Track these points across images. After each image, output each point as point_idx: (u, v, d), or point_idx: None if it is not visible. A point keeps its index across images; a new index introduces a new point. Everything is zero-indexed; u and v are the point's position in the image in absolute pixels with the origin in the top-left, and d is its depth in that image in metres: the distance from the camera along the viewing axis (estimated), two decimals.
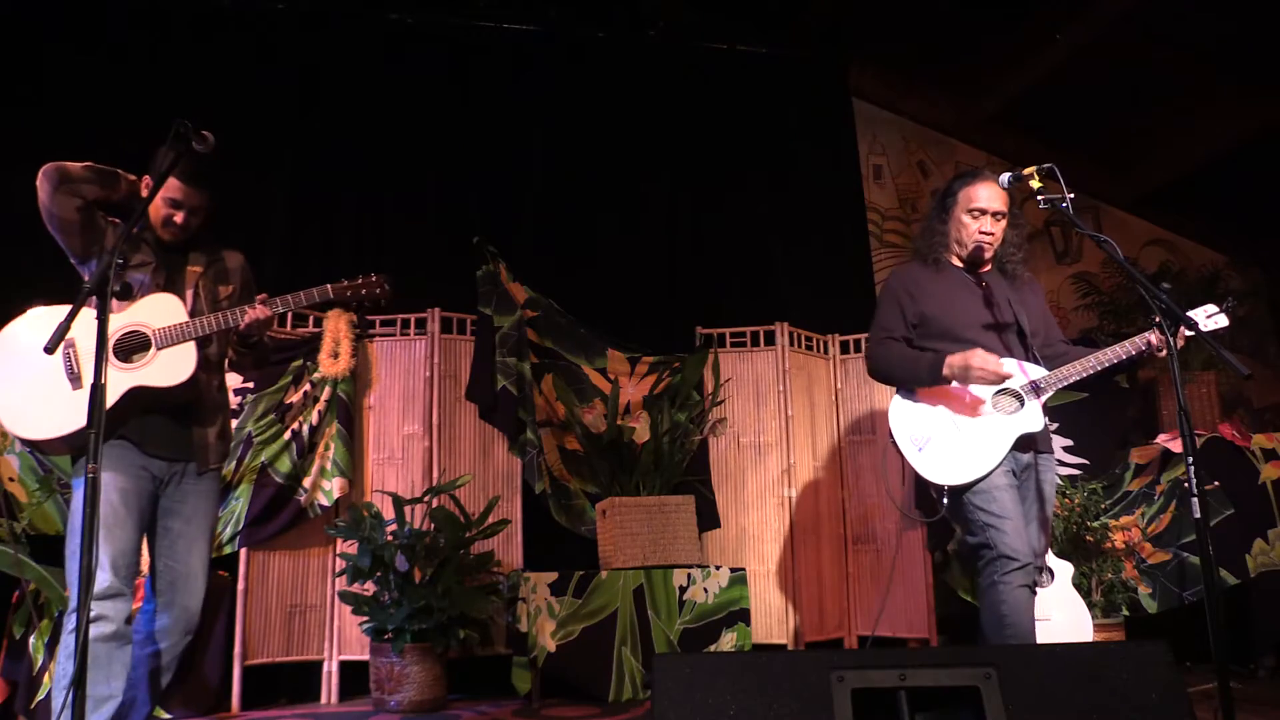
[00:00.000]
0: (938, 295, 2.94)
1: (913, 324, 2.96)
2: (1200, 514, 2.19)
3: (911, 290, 2.97)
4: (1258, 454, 4.52)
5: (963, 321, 2.89)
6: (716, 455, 4.88)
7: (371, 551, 3.91)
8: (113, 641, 2.46)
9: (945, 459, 2.80)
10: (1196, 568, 4.26)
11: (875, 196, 6.33)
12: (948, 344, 2.86)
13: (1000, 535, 2.72)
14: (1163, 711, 1.73)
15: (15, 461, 4.05)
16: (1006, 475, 2.79)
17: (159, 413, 2.61)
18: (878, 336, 2.98)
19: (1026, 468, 2.87)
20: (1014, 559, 2.69)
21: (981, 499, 2.76)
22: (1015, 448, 2.80)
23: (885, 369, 2.97)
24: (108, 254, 2.12)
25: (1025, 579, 2.70)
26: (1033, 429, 2.80)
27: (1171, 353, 2.37)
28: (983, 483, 2.77)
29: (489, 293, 4.71)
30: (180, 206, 2.68)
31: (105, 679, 2.44)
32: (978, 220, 2.93)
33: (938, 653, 2.91)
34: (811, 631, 4.76)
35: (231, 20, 5.08)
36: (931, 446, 2.82)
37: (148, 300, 2.63)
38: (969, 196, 2.95)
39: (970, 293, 2.95)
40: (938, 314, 2.92)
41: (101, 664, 2.43)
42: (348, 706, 4.11)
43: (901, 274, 3.06)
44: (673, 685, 1.74)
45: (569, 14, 5.53)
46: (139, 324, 2.59)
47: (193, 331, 2.59)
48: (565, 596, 4.06)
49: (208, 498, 2.72)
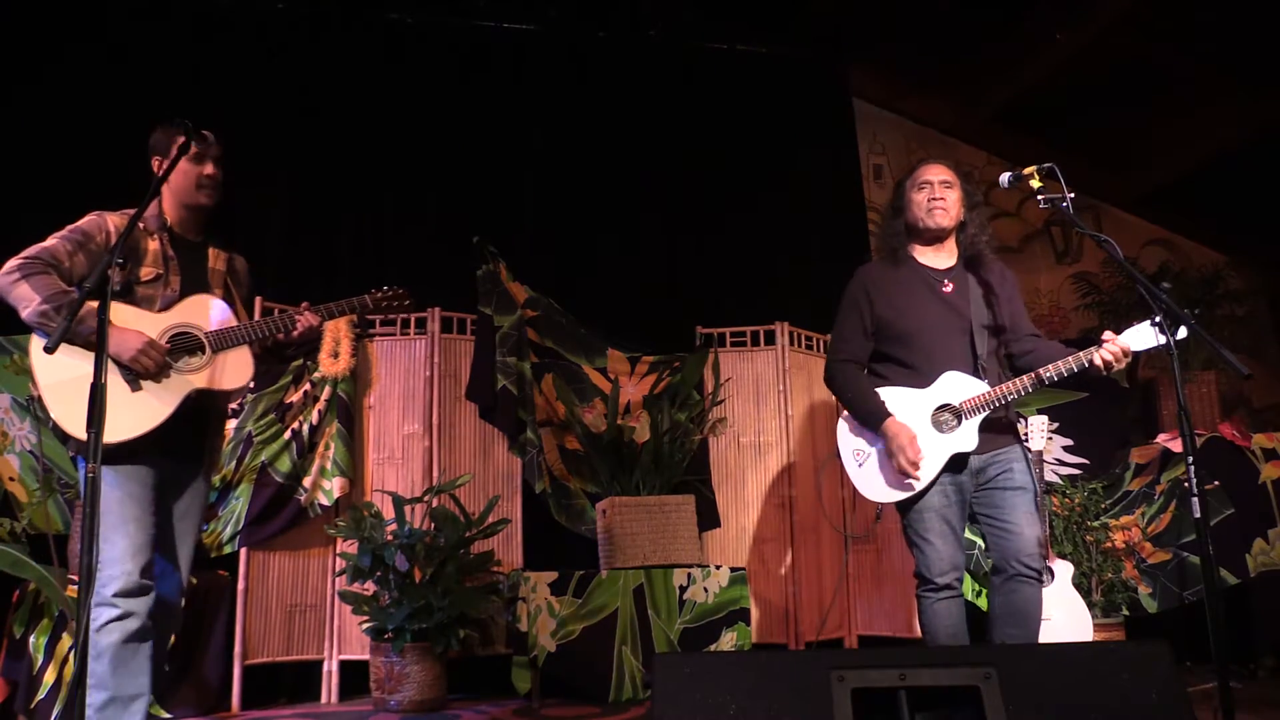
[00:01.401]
0: (894, 297, 2.93)
1: (870, 331, 2.97)
2: (1200, 514, 2.19)
3: (871, 293, 2.97)
4: (1258, 454, 4.53)
5: (916, 328, 2.89)
6: (717, 455, 4.88)
7: (372, 551, 3.91)
8: (139, 639, 2.41)
9: (879, 478, 2.87)
10: (1197, 567, 4.26)
11: (875, 196, 6.33)
12: (901, 349, 2.90)
13: (922, 556, 2.83)
14: (1162, 711, 1.73)
15: (15, 461, 4.06)
16: (941, 494, 2.82)
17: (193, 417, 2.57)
18: (837, 354, 3.01)
19: (979, 470, 2.85)
20: (930, 580, 2.81)
21: (912, 518, 2.86)
22: (949, 469, 2.81)
23: (839, 393, 3.06)
24: (106, 254, 2.11)
25: (946, 594, 2.80)
26: (965, 449, 2.80)
27: (1172, 352, 2.37)
28: (917, 504, 2.83)
29: (489, 292, 4.71)
30: (205, 156, 2.62)
31: (134, 677, 2.39)
32: (924, 190, 2.93)
33: (938, 652, 2.90)
34: (811, 631, 4.76)
35: (231, 19, 5.08)
36: (869, 464, 2.90)
37: (190, 301, 2.59)
38: (913, 178, 2.98)
39: (928, 292, 2.92)
40: (893, 318, 2.91)
41: (130, 662, 2.38)
42: (348, 706, 4.11)
43: (862, 274, 3.05)
44: (673, 685, 1.74)
45: (569, 13, 5.53)
46: (188, 325, 2.55)
47: (247, 335, 2.57)
48: (565, 596, 4.06)
49: (201, 494, 2.71)
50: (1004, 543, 2.79)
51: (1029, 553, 2.77)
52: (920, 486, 2.81)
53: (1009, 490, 2.82)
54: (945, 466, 2.81)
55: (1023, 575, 2.77)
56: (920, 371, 2.87)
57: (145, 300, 2.55)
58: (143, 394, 2.45)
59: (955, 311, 2.90)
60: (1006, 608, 2.79)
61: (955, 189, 2.94)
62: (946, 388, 2.83)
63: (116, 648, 2.37)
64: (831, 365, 3.03)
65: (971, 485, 2.86)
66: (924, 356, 2.87)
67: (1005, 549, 2.79)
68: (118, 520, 2.41)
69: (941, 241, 2.98)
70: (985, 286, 2.94)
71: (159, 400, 2.46)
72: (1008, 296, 2.97)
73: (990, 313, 2.92)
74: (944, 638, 2.79)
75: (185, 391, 2.49)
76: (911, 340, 2.89)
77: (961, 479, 2.84)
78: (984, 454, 2.85)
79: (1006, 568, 2.79)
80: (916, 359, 2.88)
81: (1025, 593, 2.77)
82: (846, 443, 2.97)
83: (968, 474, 2.85)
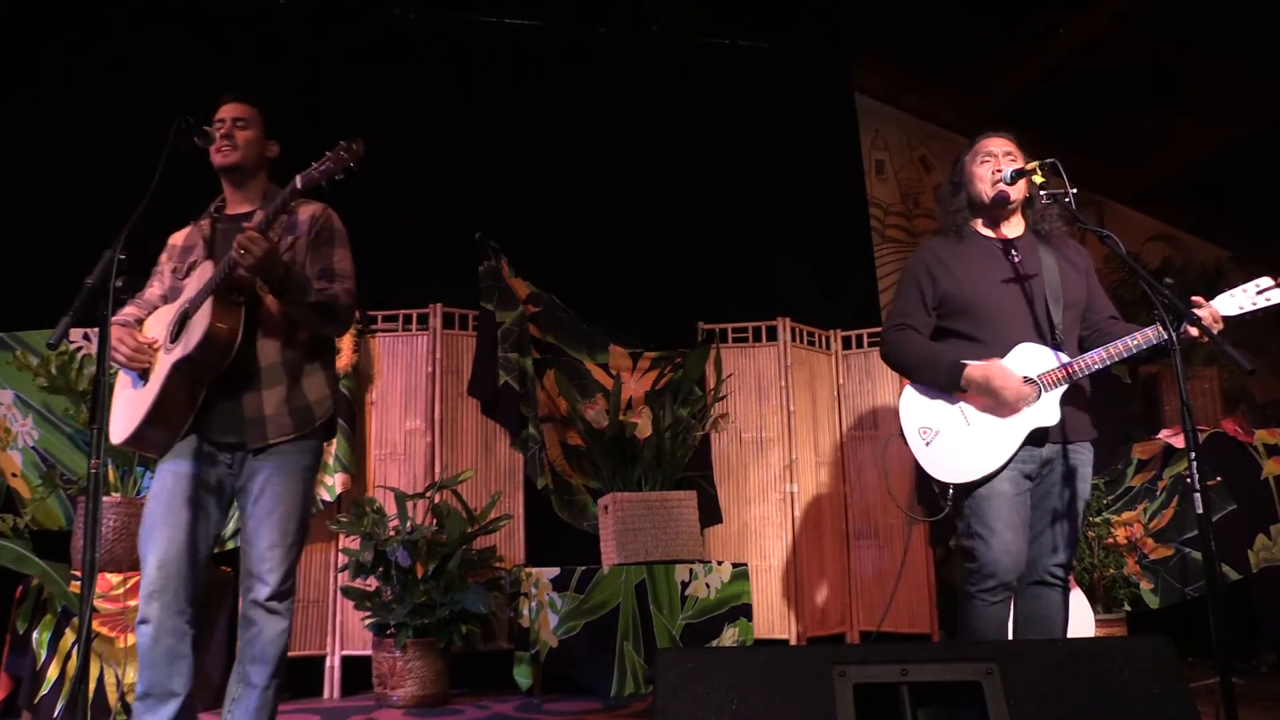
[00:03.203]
0: (958, 270, 2.74)
1: (933, 307, 2.76)
2: (1202, 509, 2.18)
3: (932, 269, 2.77)
4: (1260, 449, 4.52)
5: (984, 298, 2.69)
6: (718, 451, 4.88)
7: (374, 547, 3.92)
8: (165, 640, 2.34)
9: (951, 456, 2.64)
10: (1199, 563, 4.26)
11: (877, 192, 6.33)
12: (967, 323, 2.71)
13: (986, 550, 2.58)
14: (1164, 707, 1.73)
15: (18, 457, 4.06)
16: (1013, 481, 2.61)
17: (217, 391, 2.40)
18: (895, 321, 2.79)
19: (1048, 462, 2.67)
20: (992, 576, 2.57)
21: (977, 505, 2.62)
22: (1030, 442, 2.61)
23: (899, 360, 2.79)
24: (109, 251, 2.09)
25: (1002, 596, 2.59)
26: (1047, 423, 2.60)
27: (1175, 348, 2.35)
28: (983, 488, 2.61)
29: (491, 288, 4.71)
30: (221, 124, 2.52)
31: (166, 678, 2.34)
32: (988, 162, 2.77)
33: (940, 648, 2.90)
34: (813, 627, 4.77)
35: (232, 17, 5.07)
36: (939, 441, 2.66)
37: (192, 276, 2.46)
38: (975, 150, 2.82)
39: (996, 264, 2.74)
40: (957, 291, 2.72)
41: (159, 663, 2.33)
42: (350, 701, 4.12)
43: (924, 251, 2.85)
44: (675, 680, 1.74)
45: (570, 10, 5.52)
46: (185, 301, 2.43)
47: (209, 287, 2.32)
48: (567, 592, 4.06)
49: (282, 476, 2.44)
50: (1035, 546, 2.65)
51: (1060, 561, 2.65)
52: (1007, 455, 2.59)
53: (1063, 495, 2.64)
54: (1024, 443, 2.60)
55: (1049, 582, 2.65)
56: (989, 344, 2.67)
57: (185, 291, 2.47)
58: (144, 387, 2.40)
59: (1026, 281, 2.70)
60: (1030, 614, 2.67)
61: (1019, 161, 2.77)
62: (1022, 359, 2.64)
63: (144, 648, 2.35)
64: (890, 335, 2.80)
65: (1036, 474, 2.65)
66: (992, 329, 2.68)
67: (1035, 552, 2.65)
68: (145, 523, 2.39)
69: (1007, 215, 2.81)
70: (1058, 260, 2.75)
71: (151, 387, 2.38)
72: (1083, 271, 2.81)
73: (1065, 286, 2.72)
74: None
75: (167, 369, 2.34)
76: (978, 311, 2.70)
77: (1029, 469, 2.63)
78: (1057, 443, 2.65)
79: (1032, 572, 2.65)
80: (984, 332, 2.68)
81: (1051, 599, 2.66)
82: (912, 419, 2.71)
83: (1033, 463, 2.64)
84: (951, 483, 2.63)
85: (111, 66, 4.82)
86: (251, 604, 2.47)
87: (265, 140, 2.65)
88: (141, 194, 2.26)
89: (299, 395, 2.47)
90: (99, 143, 4.57)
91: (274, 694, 2.49)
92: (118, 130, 4.55)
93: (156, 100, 4.61)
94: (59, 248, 4.22)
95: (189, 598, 2.39)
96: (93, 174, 4.53)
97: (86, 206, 4.46)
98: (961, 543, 2.72)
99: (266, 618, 2.46)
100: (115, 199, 2.66)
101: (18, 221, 4.54)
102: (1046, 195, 2.62)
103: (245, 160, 2.56)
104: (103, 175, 4.47)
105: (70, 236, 4.18)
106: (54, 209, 4.56)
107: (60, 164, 4.57)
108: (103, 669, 3.57)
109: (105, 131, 4.58)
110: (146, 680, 2.34)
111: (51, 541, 3.88)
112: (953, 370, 2.64)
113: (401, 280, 4.88)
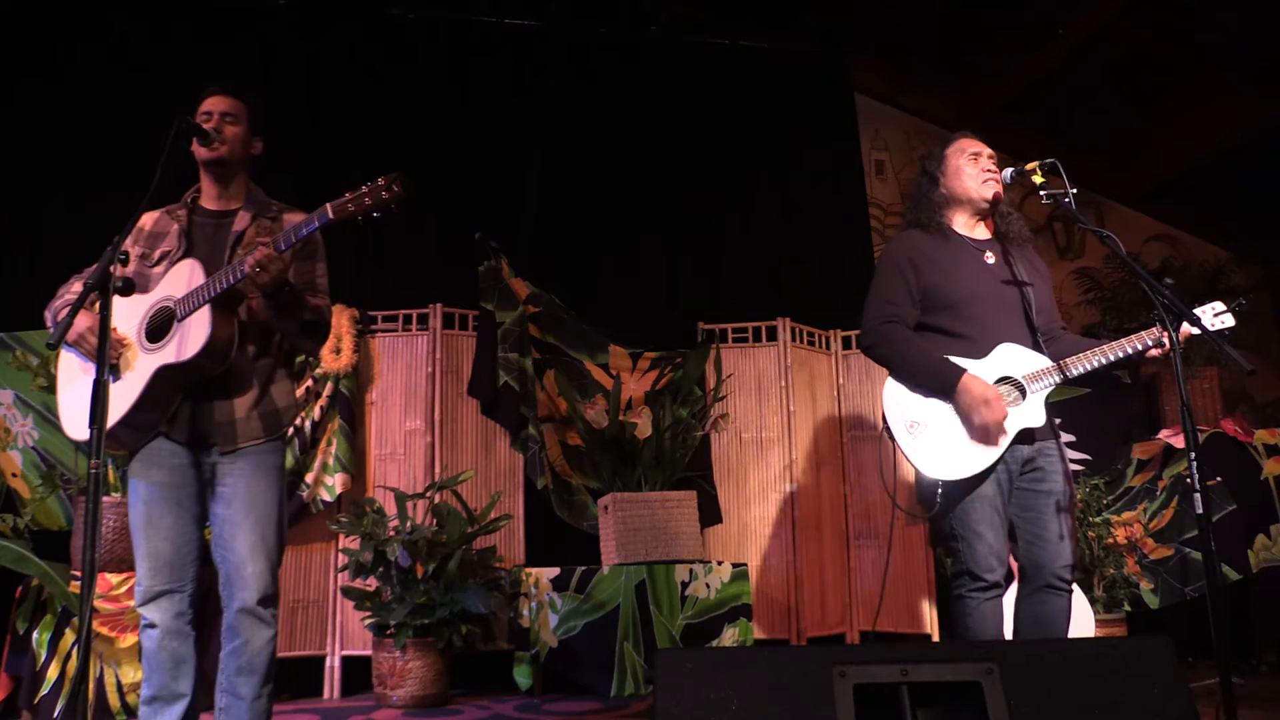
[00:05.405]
0: (943, 265, 2.70)
1: (916, 299, 2.71)
2: (1202, 509, 2.18)
3: (916, 260, 2.71)
4: (1260, 449, 4.52)
5: (970, 296, 2.67)
6: (718, 451, 4.88)
7: (374, 547, 3.92)
8: (168, 643, 2.36)
9: (938, 449, 2.58)
10: (1198, 563, 4.26)
11: (877, 192, 6.32)
12: (950, 319, 2.69)
13: (970, 551, 2.58)
14: (1164, 707, 1.73)
15: (18, 457, 4.06)
16: (994, 481, 2.59)
17: (192, 394, 2.37)
18: (883, 313, 2.71)
19: (1028, 461, 2.65)
20: (979, 578, 2.57)
21: (963, 506, 2.61)
22: (1017, 441, 2.59)
23: (888, 356, 2.70)
24: (109, 248, 2.09)
25: (993, 593, 2.59)
26: (1034, 423, 2.61)
27: (1175, 348, 2.35)
28: (969, 490, 2.59)
29: (491, 288, 4.71)
30: (209, 117, 2.46)
31: (173, 680, 2.36)
32: (978, 161, 2.77)
33: (940, 648, 2.91)
34: (813, 627, 4.77)
35: (232, 17, 5.07)
36: (926, 434, 2.60)
37: (171, 271, 2.40)
38: (960, 146, 2.81)
39: (978, 265, 2.72)
40: (941, 284, 2.68)
41: (164, 665, 2.35)
42: (350, 701, 4.12)
43: (902, 241, 2.79)
44: (675, 680, 1.74)
45: (570, 10, 5.52)
46: (166, 298, 2.37)
47: (207, 292, 2.28)
48: (567, 592, 4.06)
49: (254, 476, 2.41)
50: (1039, 551, 2.62)
51: (1064, 563, 2.61)
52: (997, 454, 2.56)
53: (1050, 495, 2.64)
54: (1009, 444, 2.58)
55: (1054, 587, 2.61)
56: (974, 341, 2.64)
57: (154, 281, 2.42)
58: (119, 384, 2.33)
59: (1005, 283, 2.70)
60: (1034, 619, 2.63)
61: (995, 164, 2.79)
62: (1005, 359, 2.63)
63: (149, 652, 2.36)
64: (875, 328, 2.71)
65: (1017, 473, 2.64)
66: (977, 326, 2.65)
67: (1040, 558, 2.62)
68: (133, 535, 2.39)
69: (983, 215, 2.80)
70: (1025, 265, 2.77)
71: (128, 387, 2.32)
72: (1044, 277, 2.82)
73: (1035, 290, 2.73)
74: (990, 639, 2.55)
75: (151, 371, 2.29)
76: (962, 309, 2.66)
77: (1012, 468, 2.62)
78: (1034, 443, 2.64)
79: (1038, 578, 2.62)
80: (969, 329, 2.65)
81: (1055, 604, 2.62)
82: (897, 413, 2.64)
83: (1015, 462, 2.63)
84: (940, 479, 2.58)
85: (111, 66, 4.82)
86: (237, 613, 2.39)
87: (251, 136, 2.58)
88: (142, 194, 2.26)
89: (269, 401, 2.46)
90: (99, 143, 4.57)
91: (265, 701, 2.43)
92: (118, 130, 4.55)
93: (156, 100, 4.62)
94: (59, 248, 4.22)
95: (188, 599, 2.40)
96: (93, 174, 4.54)
97: (86, 206, 4.46)
98: (947, 544, 2.72)
99: (254, 627, 2.39)
100: (115, 199, 2.66)
101: (18, 221, 4.54)
102: (1046, 195, 2.62)
103: (231, 156, 2.51)
104: (103, 175, 4.47)
105: (70, 236, 4.19)
106: (54, 209, 4.57)
107: (60, 164, 4.57)
108: (103, 669, 3.57)
109: (105, 131, 4.58)
110: (155, 684, 2.36)
111: (51, 541, 3.88)
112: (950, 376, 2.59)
113: (401, 280, 4.89)
